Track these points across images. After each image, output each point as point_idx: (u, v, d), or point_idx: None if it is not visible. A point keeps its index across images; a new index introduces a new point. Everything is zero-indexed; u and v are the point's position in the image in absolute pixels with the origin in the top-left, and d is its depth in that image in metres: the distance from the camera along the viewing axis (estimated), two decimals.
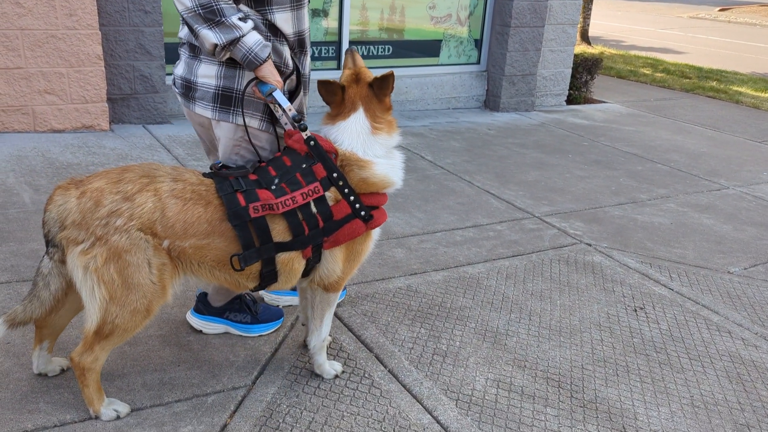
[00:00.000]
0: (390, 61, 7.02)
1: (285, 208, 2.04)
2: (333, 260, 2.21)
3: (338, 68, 6.60)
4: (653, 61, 12.01)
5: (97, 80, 4.95)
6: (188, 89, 2.28)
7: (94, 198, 1.91)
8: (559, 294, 3.30)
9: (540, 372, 2.64)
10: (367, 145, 2.20)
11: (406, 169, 2.37)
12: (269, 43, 2.14)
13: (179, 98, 2.36)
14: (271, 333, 2.69)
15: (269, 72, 2.14)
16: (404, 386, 2.46)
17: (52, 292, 1.99)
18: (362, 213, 2.17)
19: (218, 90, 2.22)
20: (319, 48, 6.53)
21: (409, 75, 6.96)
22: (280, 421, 2.18)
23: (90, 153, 4.58)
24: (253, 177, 2.09)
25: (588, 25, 13.40)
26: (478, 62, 7.47)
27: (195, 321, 2.63)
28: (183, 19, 2.11)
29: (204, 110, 2.26)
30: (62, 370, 2.28)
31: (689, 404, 2.53)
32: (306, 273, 2.22)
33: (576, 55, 8.38)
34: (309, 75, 2.44)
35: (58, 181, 4.05)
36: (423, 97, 7.12)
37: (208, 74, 2.22)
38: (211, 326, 2.63)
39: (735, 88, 9.87)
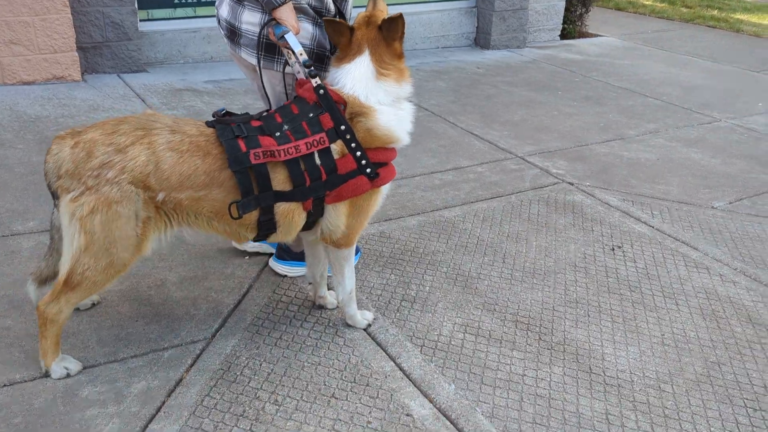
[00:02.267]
0: None
1: (287, 156, 1.98)
2: (336, 215, 2.14)
3: None
4: None
5: (64, 28, 4.78)
6: (234, 34, 2.26)
7: (86, 149, 1.88)
8: (535, 235, 3.23)
9: (509, 315, 2.60)
10: (369, 90, 2.09)
11: None
12: None
13: (226, 41, 2.32)
14: (235, 286, 2.65)
15: (286, 15, 2.09)
16: (369, 334, 2.42)
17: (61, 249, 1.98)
18: (368, 170, 2.09)
19: (263, 38, 2.20)
20: None
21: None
22: (238, 373, 2.16)
23: (60, 105, 4.46)
24: (256, 123, 2.03)
25: None
26: None
27: (279, 267, 2.69)
28: None
29: (249, 57, 2.25)
30: (93, 304, 2.40)
31: (659, 343, 2.49)
32: (309, 226, 2.16)
33: None
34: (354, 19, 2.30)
35: (24, 135, 4.03)
36: (411, 36, 6.88)
37: (252, 21, 2.20)
38: (295, 270, 2.69)
39: (737, 16, 9.51)
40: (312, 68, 2.08)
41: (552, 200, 3.61)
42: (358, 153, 2.06)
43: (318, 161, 2.03)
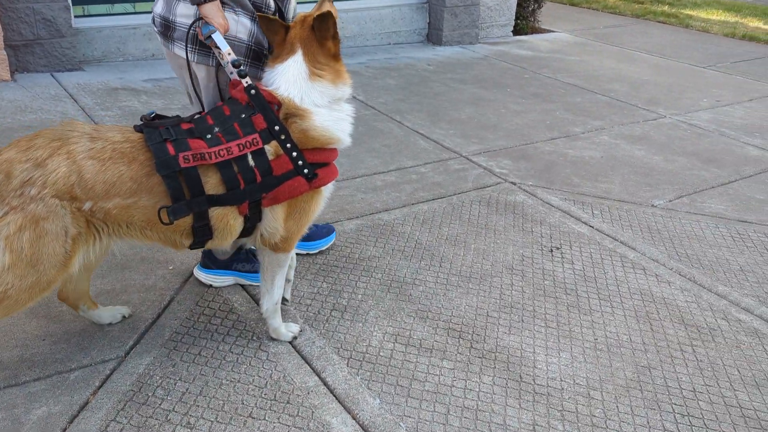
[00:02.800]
0: None
1: (218, 158, 1.92)
2: (274, 218, 2.08)
3: None
4: None
5: None
6: (167, 28, 2.18)
7: (4, 170, 1.80)
8: (474, 238, 3.17)
9: (442, 323, 2.54)
10: (304, 91, 2.05)
11: None
12: None
13: (159, 37, 2.25)
14: (156, 299, 2.53)
15: (213, 12, 2.04)
16: (294, 347, 2.33)
17: None
18: (305, 170, 2.04)
19: (195, 30, 2.12)
20: None
21: (345, 9, 6.60)
22: (150, 394, 2.05)
23: None
24: (186, 126, 1.97)
25: None
26: None
27: (203, 276, 2.60)
28: None
29: (182, 51, 2.17)
30: (123, 318, 2.35)
31: (592, 348, 2.46)
32: (248, 231, 2.10)
33: None
34: (294, 18, 2.24)
35: None
36: (362, 33, 6.79)
37: (187, 14, 2.13)
38: (220, 279, 2.61)
39: (686, 12, 9.66)
40: (241, 68, 2.02)
41: (494, 201, 3.56)
42: (294, 153, 2.01)
43: (252, 163, 1.97)
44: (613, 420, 2.13)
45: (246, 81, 2.00)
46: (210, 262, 2.58)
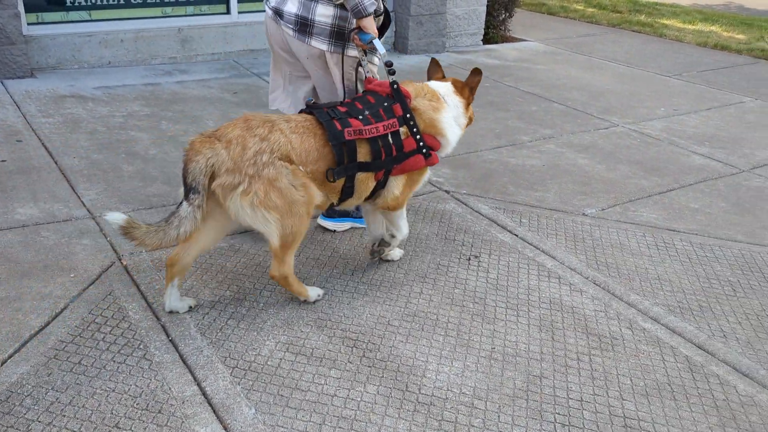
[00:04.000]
0: None
1: (370, 135, 2.46)
2: (396, 185, 2.65)
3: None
4: None
5: None
6: (306, 26, 2.72)
7: (241, 143, 2.25)
8: None
9: (339, 332, 2.51)
10: (449, 96, 2.77)
11: None
12: (376, 2, 2.58)
13: (290, 32, 2.77)
14: (49, 307, 2.51)
15: (370, 23, 2.60)
16: (181, 356, 2.31)
17: (181, 234, 2.24)
18: (424, 150, 2.62)
19: (334, 28, 2.71)
20: None
21: None
22: (17, 403, 2.03)
23: None
24: (342, 109, 2.49)
25: None
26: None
27: (328, 224, 3.20)
28: None
29: (320, 44, 2.73)
30: (190, 308, 2.54)
31: (487, 357, 2.42)
32: (370, 195, 2.64)
33: None
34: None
35: None
36: None
37: (325, 14, 2.70)
38: (341, 225, 3.22)
39: (663, 21, 9.65)
40: (392, 66, 2.59)
41: (423, 209, 3.54)
42: (418, 136, 2.59)
43: (390, 140, 2.53)
44: (491, 430, 2.09)
45: (392, 78, 2.56)
46: (333, 212, 3.10)
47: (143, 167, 3.79)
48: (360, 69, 2.81)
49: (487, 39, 7.93)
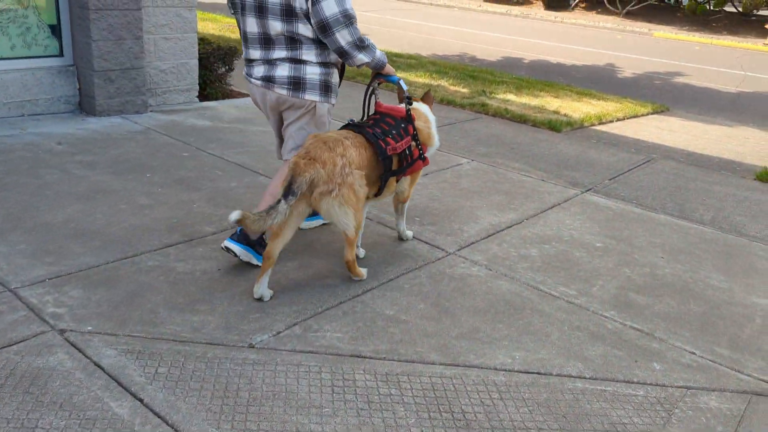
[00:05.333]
0: None
1: (400, 150, 3.36)
2: (405, 183, 3.62)
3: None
4: None
5: None
6: (298, 84, 3.25)
7: (331, 162, 3.01)
8: None
9: None
10: (431, 116, 3.74)
11: None
12: (384, 53, 3.37)
13: (284, 92, 3.27)
14: None
15: (390, 68, 3.45)
16: None
17: (274, 224, 2.92)
18: (423, 157, 3.56)
19: (322, 82, 3.29)
20: None
21: None
22: None
23: None
24: (378, 130, 3.29)
25: None
26: (61, 54, 5.84)
27: (236, 248, 3.35)
28: (342, 49, 3.18)
29: (312, 96, 3.28)
30: (270, 297, 3.12)
31: None
32: (378, 193, 3.43)
33: (208, 44, 7.20)
34: None
35: None
36: None
37: (314, 72, 3.26)
38: (243, 252, 3.36)
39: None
40: (410, 99, 3.52)
41: (17, 372, 2.40)
42: (420, 148, 3.53)
43: (407, 152, 3.43)
44: None
45: (409, 107, 3.51)
46: (243, 238, 3.31)
47: None
48: (374, 96, 3.60)
49: (206, 95, 7.03)
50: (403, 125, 3.40)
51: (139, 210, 3.98)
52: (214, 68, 7.12)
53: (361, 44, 3.18)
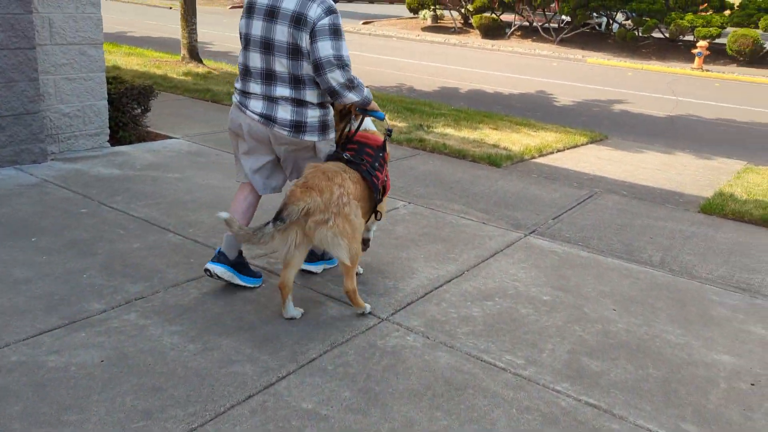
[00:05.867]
0: None
1: (383, 181, 3.54)
2: (384, 204, 3.66)
3: None
4: None
5: None
6: (300, 127, 3.35)
7: (328, 190, 3.09)
8: None
9: None
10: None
11: None
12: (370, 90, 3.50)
13: (285, 133, 3.35)
14: None
15: (375, 105, 3.55)
16: None
17: (258, 243, 3.06)
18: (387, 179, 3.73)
19: (320, 123, 3.42)
20: None
21: None
22: None
23: None
24: (365, 166, 3.39)
25: (195, 40, 11.90)
26: None
27: (311, 267, 3.81)
28: (332, 89, 3.27)
29: (311, 137, 3.40)
30: (301, 315, 3.31)
31: None
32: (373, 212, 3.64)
33: (121, 82, 6.61)
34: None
35: None
36: None
37: (314, 115, 3.38)
38: (318, 267, 3.84)
39: None
40: (390, 132, 3.74)
41: None
42: (388, 173, 3.74)
43: (385, 179, 3.62)
44: None
45: (388, 138, 3.73)
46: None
47: None
48: (355, 125, 3.64)
49: (119, 139, 6.42)
50: (381, 154, 3.57)
51: (13, 286, 3.37)
52: (128, 109, 6.54)
53: (351, 84, 3.29)
